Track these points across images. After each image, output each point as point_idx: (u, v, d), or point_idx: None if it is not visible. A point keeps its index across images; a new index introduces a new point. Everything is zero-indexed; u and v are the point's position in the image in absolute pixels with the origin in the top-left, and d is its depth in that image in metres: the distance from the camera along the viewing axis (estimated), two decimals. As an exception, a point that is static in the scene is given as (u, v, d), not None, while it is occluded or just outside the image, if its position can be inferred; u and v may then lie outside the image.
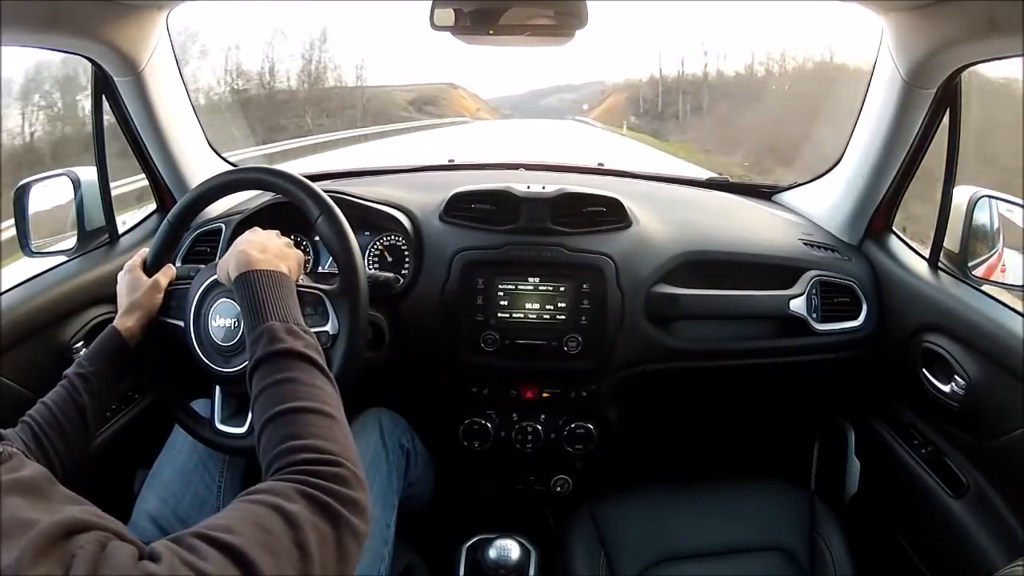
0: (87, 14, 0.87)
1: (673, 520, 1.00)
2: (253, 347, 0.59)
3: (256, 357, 0.58)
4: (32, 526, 0.38)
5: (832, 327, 1.02)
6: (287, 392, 0.54)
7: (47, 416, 0.68)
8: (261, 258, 0.67)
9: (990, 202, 0.94)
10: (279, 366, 0.56)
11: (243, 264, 0.66)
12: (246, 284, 0.64)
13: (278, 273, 0.66)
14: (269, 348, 0.57)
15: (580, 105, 19.37)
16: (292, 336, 0.59)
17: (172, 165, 1.13)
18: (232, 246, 0.70)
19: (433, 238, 1.03)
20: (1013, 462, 0.83)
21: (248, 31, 14.03)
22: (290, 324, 0.60)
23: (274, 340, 0.58)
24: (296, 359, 0.57)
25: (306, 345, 0.58)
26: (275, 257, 0.69)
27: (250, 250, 0.67)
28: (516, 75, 30.92)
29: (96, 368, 0.73)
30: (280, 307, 0.62)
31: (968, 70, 0.88)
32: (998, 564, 0.76)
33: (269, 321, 0.60)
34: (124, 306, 0.79)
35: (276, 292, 0.63)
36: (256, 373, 0.57)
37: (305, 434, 0.51)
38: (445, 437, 1.07)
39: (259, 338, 0.59)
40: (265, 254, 0.68)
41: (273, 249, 0.70)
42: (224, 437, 0.80)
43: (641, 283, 0.99)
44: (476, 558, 1.03)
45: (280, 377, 0.55)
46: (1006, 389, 0.82)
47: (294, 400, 0.53)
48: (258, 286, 0.63)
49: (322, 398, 0.55)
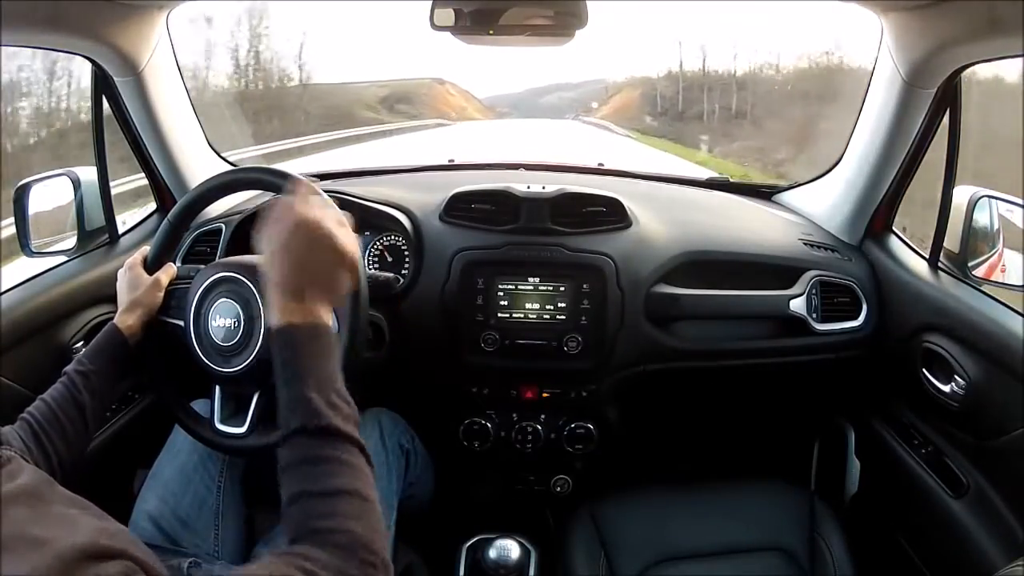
0: (87, 14, 0.87)
1: (673, 520, 1.00)
2: (288, 414, 0.55)
3: (292, 428, 0.54)
4: (42, 545, 0.37)
5: (832, 327, 1.02)
6: (323, 472, 0.52)
7: (47, 413, 0.67)
8: (297, 308, 0.58)
9: (990, 202, 0.94)
10: (316, 443, 0.53)
11: (278, 315, 0.58)
12: (281, 341, 0.58)
13: (317, 327, 0.58)
14: (307, 421, 0.54)
15: (587, 103, 18.13)
16: (331, 409, 0.54)
17: (172, 165, 1.13)
18: (269, 251, 0.60)
19: (433, 238, 1.03)
20: (1013, 462, 0.83)
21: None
22: (329, 394, 0.55)
23: (312, 414, 0.54)
24: (334, 437, 0.53)
25: (344, 418, 0.55)
26: (313, 295, 0.59)
27: (284, 294, 0.58)
28: (514, 72, 30.13)
29: (96, 366, 0.72)
30: (318, 371, 0.56)
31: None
32: (998, 564, 0.76)
33: (307, 391, 0.55)
34: (124, 304, 0.79)
35: (314, 351, 0.57)
36: (290, 442, 0.54)
37: (340, 515, 0.49)
38: (445, 437, 1.07)
39: (296, 407, 0.55)
40: (302, 299, 0.58)
41: (309, 278, 0.59)
42: (223, 437, 0.80)
43: (641, 283, 0.99)
44: (476, 558, 1.03)
45: (317, 455, 0.53)
46: (1006, 389, 0.82)
47: (330, 480, 0.51)
48: (294, 344, 0.57)
49: (359, 478, 0.53)
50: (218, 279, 0.78)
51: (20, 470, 0.45)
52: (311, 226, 0.58)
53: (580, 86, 21.08)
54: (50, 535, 0.38)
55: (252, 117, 8.62)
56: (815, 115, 7.66)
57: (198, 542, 0.82)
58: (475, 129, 14.17)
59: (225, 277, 0.78)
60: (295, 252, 0.58)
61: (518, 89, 24.71)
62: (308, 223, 0.58)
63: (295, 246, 0.58)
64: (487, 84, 32.72)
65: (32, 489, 0.43)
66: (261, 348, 0.75)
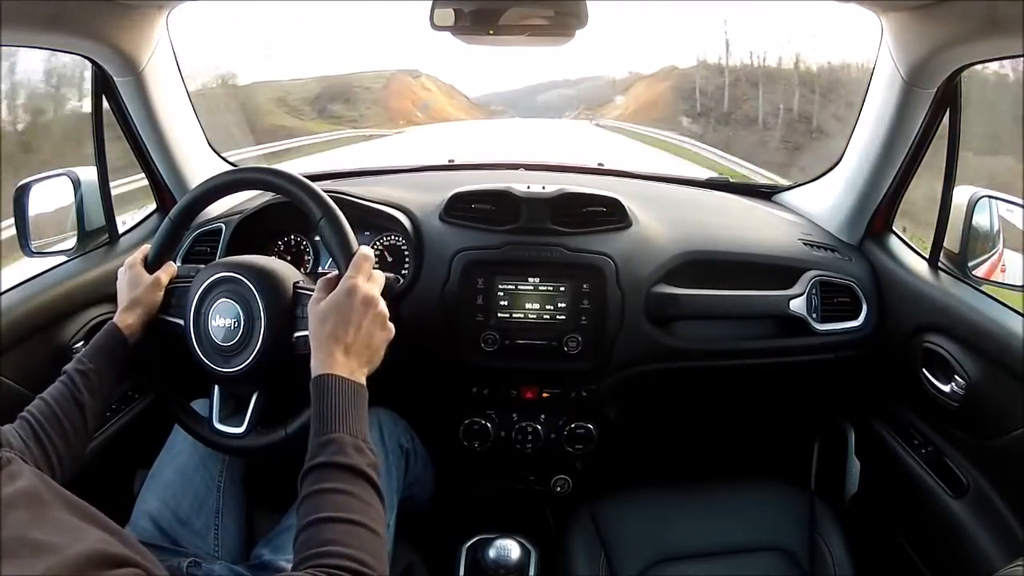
0: (87, 14, 0.87)
1: (673, 520, 1.00)
2: (318, 450, 0.60)
3: (318, 461, 0.59)
4: (45, 550, 0.37)
5: (832, 327, 1.02)
6: (340, 502, 0.56)
7: (46, 412, 0.67)
8: (343, 362, 0.66)
9: (990, 202, 0.94)
10: (339, 477, 0.58)
11: (325, 364, 0.65)
12: (324, 389, 0.64)
13: (357, 385, 0.66)
14: (334, 458, 0.59)
15: (612, 97, 16.00)
16: (358, 453, 0.60)
17: (172, 165, 1.13)
18: (332, 303, 0.68)
19: (433, 238, 1.03)
20: (1013, 462, 0.83)
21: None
22: (358, 440, 0.61)
23: (340, 452, 0.59)
24: (356, 475, 0.59)
25: (369, 464, 0.60)
26: (359, 357, 0.67)
27: (336, 347, 0.66)
28: (508, 68, 28.94)
29: (96, 365, 0.72)
30: (352, 421, 0.62)
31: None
32: (998, 564, 0.76)
33: (339, 432, 0.61)
34: (124, 302, 0.78)
35: (351, 404, 0.64)
36: (312, 474, 0.59)
37: (351, 544, 0.53)
38: (445, 437, 1.07)
39: (326, 445, 0.60)
40: (349, 356, 0.66)
41: (360, 342, 0.67)
42: (223, 436, 0.80)
43: (641, 283, 0.99)
44: (476, 558, 1.03)
45: (338, 487, 0.57)
46: (1006, 389, 0.82)
47: (347, 511, 0.56)
48: (335, 394, 0.64)
49: (372, 515, 0.57)
50: (218, 279, 0.78)
51: (20, 472, 0.45)
52: (371, 301, 0.69)
53: (580, 83, 19.83)
54: (52, 540, 0.38)
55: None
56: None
57: (198, 542, 0.82)
58: (478, 129, 12.95)
59: (225, 277, 0.78)
60: (355, 315, 0.67)
61: (516, 86, 23.76)
62: (369, 298, 0.69)
63: (355, 310, 0.68)
64: (481, 80, 31.63)
65: (32, 492, 0.43)
66: (261, 349, 0.75)
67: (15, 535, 0.38)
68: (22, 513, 0.40)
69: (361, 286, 0.69)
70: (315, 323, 0.68)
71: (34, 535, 0.38)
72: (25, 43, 0.85)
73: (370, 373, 0.69)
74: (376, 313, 0.69)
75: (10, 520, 0.39)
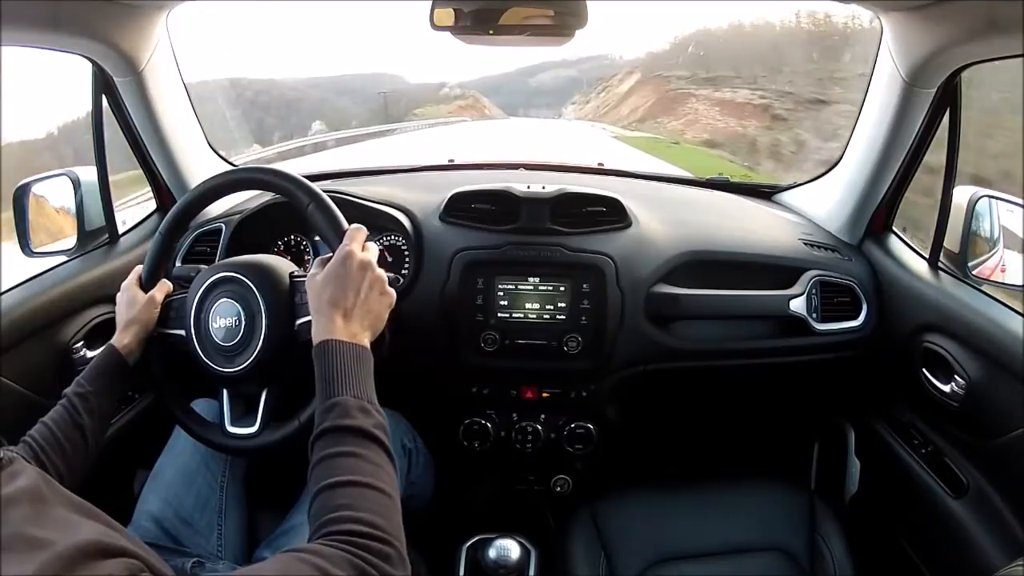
0: (87, 14, 0.87)
1: (673, 520, 1.00)
2: (323, 416, 0.59)
3: (324, 426, 0.58)
4: (42, 546, 0.37)
5: (832, 327, 1.02)
6: (350, 465, 0.55)
7: (47, 436, 0.68)
8: (343, 327, 0.65)
9: (990, 202, 0.93)
10: (346, 440, 0.57)
11: (326, 329, 0.65)
12: (325, 354, 0.63)
13: (360, 347, 0.65)
14: (339, 421, 0.58)
15: (613, 78, 14.29)
16: (364, 414, 0.59)
17: (172, 165, 1.13)
18: (330, 272, 0.67)
19: (433, 238, 1.03)
20: (1013, 462, 0.83)
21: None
22: (363, 402, 0.61)
23: (345, 415, 0.59)
24: (363, 437, 0.58)
25: (375, 425, 0.59)
26: (360, 321, 0.67)
27: (335, 312, 0.65)
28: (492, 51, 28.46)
29: (95, 388, 0.73)
30: (356, 383, 0.62)
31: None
32: (998, 564, 0.76)
33: (343, 395, 0.60)
34: (121, 324, 0.80)
35: (355, 367, 0.63)
36: (321, 440, 0.58)
37: (361, 508, 0.52)
38: (445, 437, 1.07)
39: (331, 409, 0.59)
40: (350, 320, 0.66)
41: (360, 306, 0.67)
42: (236, 439, 0.80)
43: (641, 283, 0.99)
44: (476, 558, 1.03)
45: (345, 450, 0.57)
46: (1006, 389, 0.82)
47: (355, 474, 0.55)
48: (337, 358, 0.63)
49: (382, 477, 0.56)
50: (215, 280, 0.78)
51: (21, 471, 0.45)
52: (367, 265, 0.69)
53: (579, 63, 19.27)
54: (50, 536, 0.38)
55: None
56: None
57: (201, 542, 0.82)
58: (480, 128, 13.08)
59: (225, 277, 0.78)
60: (352, 281, 0.67)
61: (507, 68, 23.04)
62: (365, 262, 0.69)
63: (352, 276, 0.67)
64: (471, 68, 31.03)
65: (33, 490, 0.43)
66: (263, 344, 0.75)
67: (14, 532, 0.38)
68: (22, 511, 0.40)
69: (356, 252, 0.69)
70: (313, 295, 0.68)
71: (32, 532, 0.38)
72: (25, 43, 0.85)
73: (373, 339, 0.68)
74: (374, 277, 0.69)
75: (10, 518, 0.39)
